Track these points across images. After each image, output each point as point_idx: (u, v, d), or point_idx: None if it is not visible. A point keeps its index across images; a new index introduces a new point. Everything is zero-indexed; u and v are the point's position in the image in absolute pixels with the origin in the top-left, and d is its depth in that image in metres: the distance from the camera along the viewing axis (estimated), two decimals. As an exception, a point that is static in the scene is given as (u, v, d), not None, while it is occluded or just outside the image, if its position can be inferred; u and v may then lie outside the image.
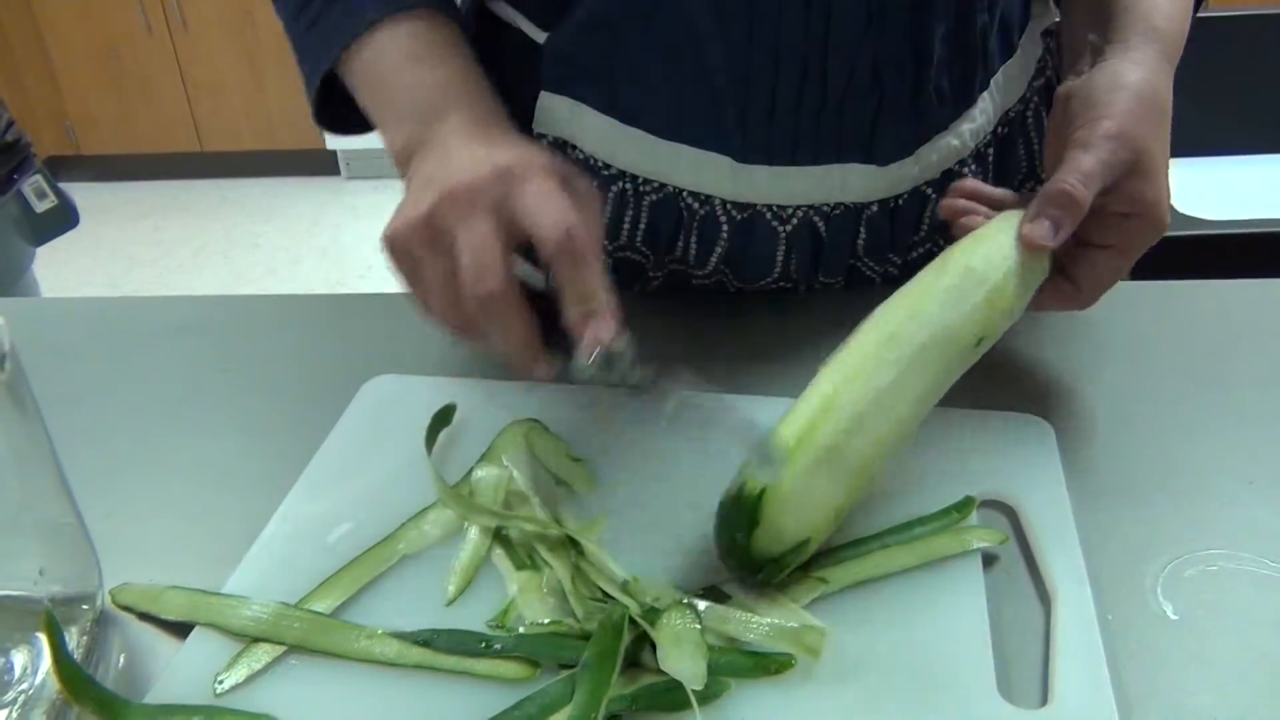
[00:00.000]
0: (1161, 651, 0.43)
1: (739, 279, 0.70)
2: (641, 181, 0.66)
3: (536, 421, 0.56)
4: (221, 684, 0.42)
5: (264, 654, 0.43)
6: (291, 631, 0.44)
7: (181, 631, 0.45)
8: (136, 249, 3.24)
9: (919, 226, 0.69)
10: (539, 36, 0.65)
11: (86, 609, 0.45)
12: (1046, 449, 0.53)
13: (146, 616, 0.47)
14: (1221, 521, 0.50)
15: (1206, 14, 1.49)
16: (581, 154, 0.67)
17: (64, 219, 1.56)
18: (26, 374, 0.41)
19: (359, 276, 3.00)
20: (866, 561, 0.46)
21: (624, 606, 0.43)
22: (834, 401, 0.46)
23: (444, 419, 0.56)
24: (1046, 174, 0.55)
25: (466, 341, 0.51)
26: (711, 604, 0.44)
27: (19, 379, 0.40)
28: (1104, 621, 0.44)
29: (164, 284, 3.03)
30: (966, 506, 0.49)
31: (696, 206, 0.66)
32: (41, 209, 1.51)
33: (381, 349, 0.66)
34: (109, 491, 0.54)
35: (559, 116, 0.66)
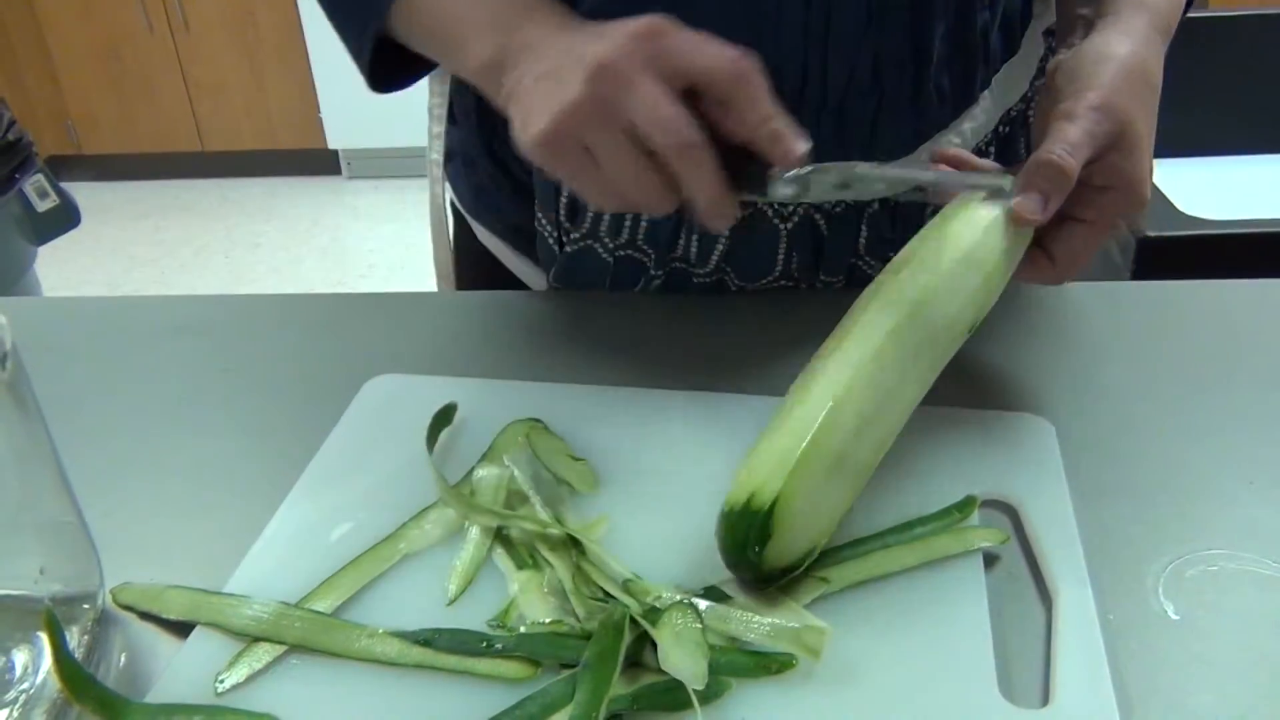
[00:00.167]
0: (1162, 651, 0.43)
1: (740, 277, 0.70)
2: (643, 180, 0.66)
3: (537, 421, 0.56)
4: (222, 683, 0.42)
5: (265, 653, 0.43)
6: (292, 631, 0.44)
7: (182, 631, 0.45)
8: (137, 248, 3.25)
9: (920, 225, 0.68)
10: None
11: (87, 608, 0.45)
12: (1048, 449, 0.53)
13: (147, 616, 0.47)
14: (1222, 521, 0.50)
15: (1207, 14, 1.49)
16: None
17: (65, 218, 1.56)
18: (27, 373, 0.41)
19: (359, 276, 3.00)
20: (868, 561, 0.46)
21: (625, 606, 0.43)
22: (843, 405, 0.45)
23: (445, 418, 0.56)
24: (1034, 147, 0.54)
25: (654, 212, 0.50)
26: (712, 603, 0.44)
27: (20, 378, 0.40)
28: (1105, 621, 0.44)
29: (165, 283, 3.03)
30: (968, 506, 0.49)
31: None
32: (43, 208, 1.51)
33: (382, 349, 0.66)
34: (109, 491, 0.54)
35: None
